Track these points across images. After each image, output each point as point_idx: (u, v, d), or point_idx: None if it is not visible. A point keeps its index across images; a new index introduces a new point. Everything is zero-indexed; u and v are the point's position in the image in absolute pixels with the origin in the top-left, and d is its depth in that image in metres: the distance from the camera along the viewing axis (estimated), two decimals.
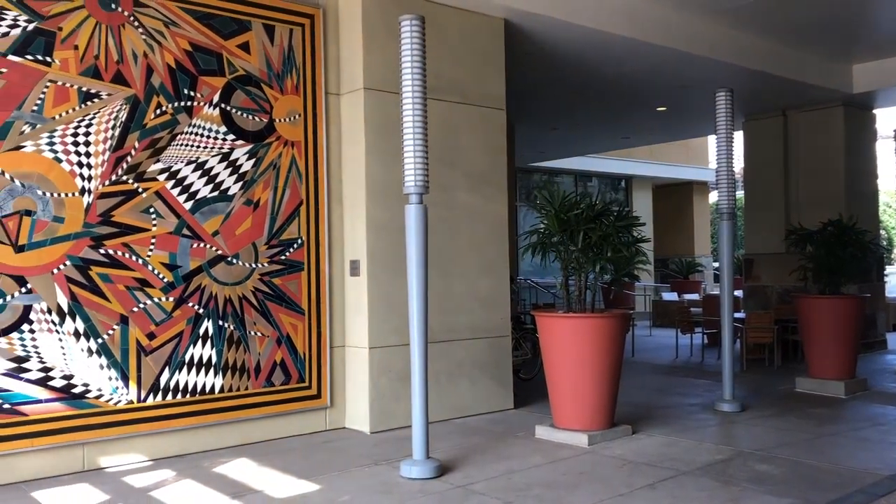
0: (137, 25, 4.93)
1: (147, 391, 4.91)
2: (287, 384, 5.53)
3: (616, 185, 18.83)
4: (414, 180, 4.53)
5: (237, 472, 4.62)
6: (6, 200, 4.44)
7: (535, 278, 13.76)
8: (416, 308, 4.54)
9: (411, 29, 4.53)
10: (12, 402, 4.42)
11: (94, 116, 4.75)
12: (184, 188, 5.10)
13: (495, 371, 6.41)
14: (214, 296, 5.21)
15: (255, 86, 5.44)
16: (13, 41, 4.48)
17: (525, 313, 9.35)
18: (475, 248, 6.32)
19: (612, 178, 18.53)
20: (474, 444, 5.26)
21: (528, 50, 7.37)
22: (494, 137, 6.52)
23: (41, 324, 4.53)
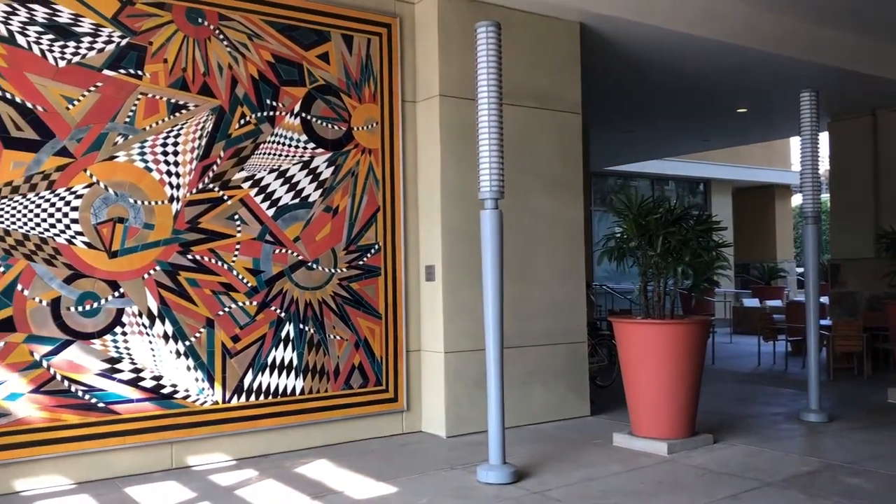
0: (223, 38, 5.10)
1: (231, 392, 5.06)
2: (365, 387, 5.62)
3: (694, 188, 18.42)
4: (489, 186, 4.54)
5: (317, 473, 4.72)
6: (101, 208, 4.66)
7: (611, 284, 13.59)
8: (491, 313, 4.55)
9: (487, 35, 4.55)
10: (106, 402, 4.63)
11: (182, 127, 4.94)
12: (266, 195, 5.25)
13: (571, 377, 6.36)
14: (295, 300, 5.34)
15: (334, 95, 5.56)
16: (108, 56, 4.70)
17: (601, 319, 9.25)
18: (550, 253, 6.29)
19: (690, 182, 18.14)
20: (550, 451, 5.23)
21: (603, 53, 7.30)
22: (570, 142, 6.49)
23: (133, 326, 4.74)
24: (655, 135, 12.53)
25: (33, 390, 4.42)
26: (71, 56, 4.59)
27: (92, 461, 4.59)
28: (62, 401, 4.50)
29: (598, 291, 12.80)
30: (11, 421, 4.35)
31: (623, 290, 13.09)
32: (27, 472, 4.40)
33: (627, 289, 12.70)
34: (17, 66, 4.43)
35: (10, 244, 4.39)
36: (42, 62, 4.50)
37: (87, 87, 4.62)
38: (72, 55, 4.59)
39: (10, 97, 4.41)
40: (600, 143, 12.33)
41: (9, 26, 4.42)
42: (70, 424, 4.51)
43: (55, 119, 4.52)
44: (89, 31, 4.65)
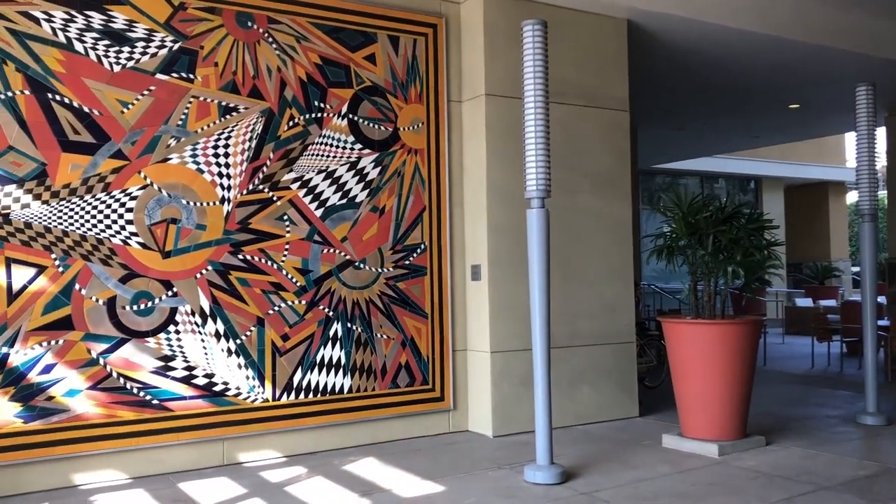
0: (272, 41, 5.18)
1: (281, 390, 5.14)
2: (411, 386, 5.65)
3: (745, 186, 18.07)
4: (536, 184, 4.53)
5: (365, 471, 4.76)
6: (154, 209, 4.77)
7: (660, 283, 13.42)
8: (538, 313, 4.53)
9: (533, 33, 4.54)
10: (160, 399, 4.74)
11: (233, 129, 5.03)
12: (315, 196, 5.32)
13: (619, 378, 6.30)
14: (343, 299, 5.40)
15: (380, 96, 5.60)
16: (161, 61, 4.81)
17: (650, 319, 9.14)
18: (598, 252, 6.24)
19: (741, 179, 17.80)
20: (598, 452, 5.19)
21: (651, 50, 7.22)
22: (617, 140, 6.43)
23: (185, 325, 4.84)
24: (704, 132, 12.33)
25: (90, 387, 4.54)
26: (125, 61, 4.70)
27: (146, 457, 4.70)
28: (118, 397, 4.61)
29: (647, 291, 12.65)
30: (70, 417, 4.48)
31: (672, 290, 12.92)
32: (85, 466, 4.53)
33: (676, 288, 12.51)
34: (75, 71, 4.56)
35: (68, 245, 4.52)
36: (98, 67, 4.63)
37: (140, 91, 4.74)
38: (126, 60, 4.71)
39: (68, 102, 4.54)
40: (648, 141, 12.19)
41: (67, 33, 4.55)
42: (125, 421, 4.62)
43: (110, 122, 4.65)
44: (143, 37, 4.76)
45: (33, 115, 4.44)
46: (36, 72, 4.46)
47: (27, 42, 4.44)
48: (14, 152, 4.39)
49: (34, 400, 4.39)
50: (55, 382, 4.45)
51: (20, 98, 4.42)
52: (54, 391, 4.44)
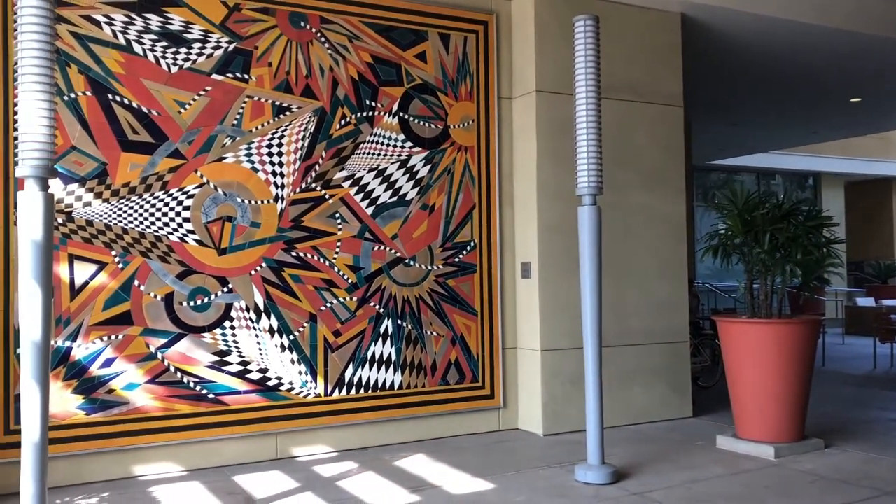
0: (324, 41, 5.24)
1: (333, 386, 5.20)
2: (461, 383, 5.66)
3: (803, 182, 17.62)
4: (587, 181, 4.49)
5: (415, 467, 4.79)
6: (211, 207, 4.87)
7: (714, 282, 13.18)
8: (589, 311, 4.49)
9: (585, 29, 4.49)
10: (216, 393, 4.84)
11: (286, 128, 5.10)
12: (366, 194, 5.36)
13: (672, 378, 6.21)
14: (394, 296, 5.43)
15: (431, 94, 5.62)
16: (216, 61, 4.91)
17: (704, 318, 8.99)
18: (651, 250, 6.16)
19: (798, 176, 17.36)
20: (651, 452, 5.12)
21: (706, 44, 7.08)
22: (671, 135, 6.33)
23: (240, 321, 4.93)
24: (761, 127, 12.06)
25: (149, 381, 4.66)
26: (182, 62, 4.81)
27: (202, 449, 4.81)
28: (175, 391, 4.73)
29: (701, 289, 12.45)
30: (129, 409, 4.60)
31: (726, 289, 12.69)
32: (144, 458, 4.65)
33: (731, 287, 12.29)
34: (134, 72, 4.68)
35: (127, 242, 4.64)
36: (156, 68, 4.74)
37: (197, 92, 4.84)
38: (183, 61, 4.81)
39: (128, 102, 4.66)
40: (703, 137, 11.97)
41: (126, 35, 4.67)
42: (182, 414, 4.73)
43: (168, 122, 4.76)
44: (199, 38, 4.86)
45: (94, 115, 4.58)
46: (97, 73, 4.59)
47: (89, 45, 4.58)
48: (76, 152, 4.53)
49: (95, 392, 4.53)
50: (115, 376, 4.58)
51: (82, 99, 4.55)
52: (114, 384, 4.57)
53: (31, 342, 3.08)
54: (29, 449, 3.07)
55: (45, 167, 3.09)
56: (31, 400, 3.08)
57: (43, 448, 3.09)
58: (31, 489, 3.06)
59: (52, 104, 3.11)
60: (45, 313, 3.10)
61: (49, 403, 3.17)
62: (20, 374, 3.90)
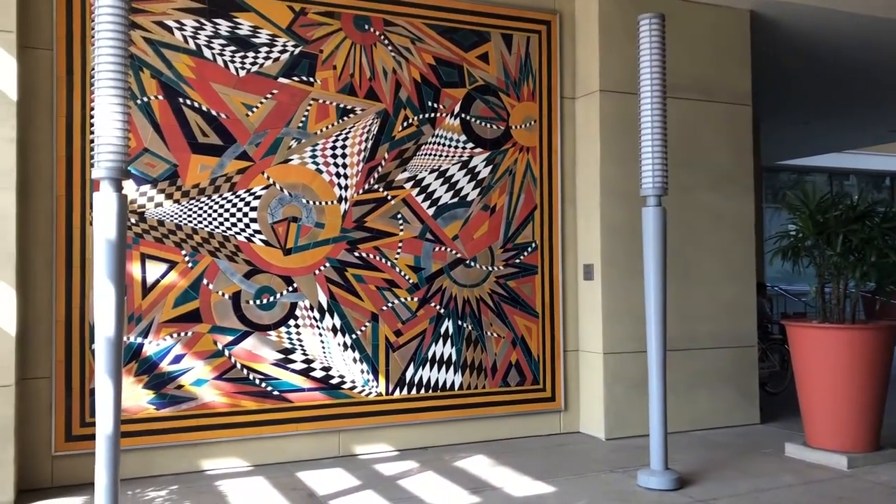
0: (387, 44, 5.28)
1: (394, 385, 5.24)
2: (522, 385, 5.63)
3: (878, 183, 17.00)
4: (652, 182, 4.41)
5: (475, 468, 4.79)
6: (277, 208, 4.96)
7: (783, 285, 12.81)
8: (653, 314, 4.42)
9: (650, 28, 4.42)
10: (280, 390, 4.93)
11: (350, 130, 5.16)
12: (427, 195, 5.39)
13: (739, 383, 6.06)
14: (454, 297, 5.44)
15: (492, 94, 5.61)
16: (282, 65, 5.00)
17: (773, 322, 8.75)
18: (717, 252, 6.03)
19: (874, 176, 16.76)
20: (716, 458, 5.01)
21: (777, 41, 6.90)
22: (739, 135, 6.18)
23: (304, 319, 5.01)
24: (834, 126, 11.67)
25: (216, 377, 4.77)
26: (250, 66, 4.92)
27: (267, 445, 4.90)
28: (241, 388, 4.83)
29: (770, 293, 12.12)
30: (197, 405, 4.73)
31: (796, 292, 12.32)
32: (210, 452, 4.77)
33: (802, 290, 11.93)
34: (204, 77, 4.81)
35: (197, 242, 4.77)
36: (225, 72, 4.86)
37: (264, 95, 4.94)
38: (251, 65, 4.92)
39: (198, 106, 4.79)
40: (773, 136, 11.66)
41: (197, 40, 4.80)
42: (248, 410, 4.83)
43: (236, 125, 4.87)
44: (266, 42, 4.96)
45: (166, 118, 4.72)
46: (169, 78, 4.73)
47: (161, 50, 4.72)
48: (149, 154, 4.68)
49: (165, 388, 4.66)
50: (184, 372, 4.70)
51: (154, 103, 4.70)
52: (183, 380, 4.70)
53: (105, 338, 3.19)
54: (102, 441, 3.17)
55: (119, 169, 3.20)
56: (104, 394, 3.18)
57: (115, 441, 3.19)
58: (105, 480, 3.17)
59: (127, 108, 3.21)
60: (119, 310, 3.21)
61: (121, 398, 3.28)
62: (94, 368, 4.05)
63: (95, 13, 3.17)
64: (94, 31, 3.18)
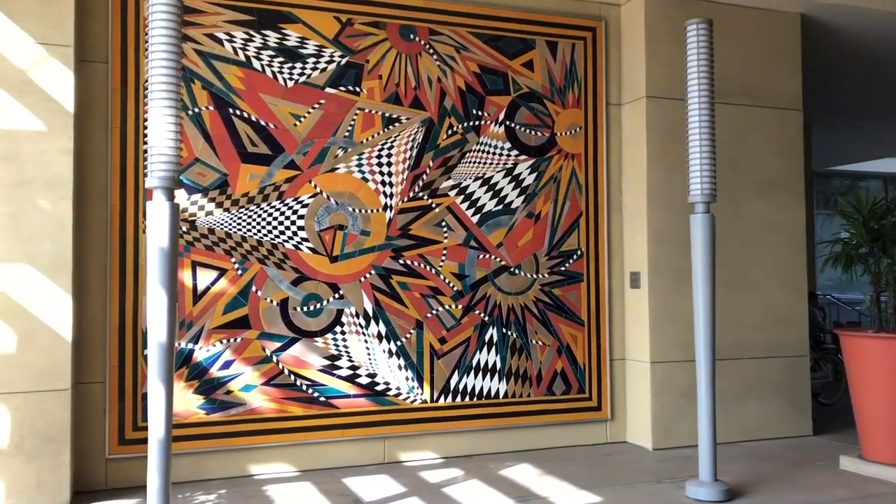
0: (432, 53, 5.32)
1: (439, 392, 5.25)
2: (567, 394, 5.59)
3: None
4: (700, 188, 4.36)
5: (521, 477, 4.76)
6: (324, 216, 5.02)
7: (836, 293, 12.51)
8: (702, 323, 4.35)
9: (698, 33, 4.37)
10: (327, 396, 4.97)
11: (395, 139, 5.21)
12: (471, 203, 5.40)
13: (791, 393, 5.93)
14: (498, 304, 5.44)
15: (537, 102, 5.60)
16: (329, 75, 5.07)
17: (825, 332, 8.55)
18: (767, 259, 5.92)
19: None
20: (767, 470, 4.91)
21: (828, 45, 6.76)
22: (789, 140, 6.07)
23: (350, 326, 5.05)
24: (889, 130, 11.37)
25: (264, 383, 4.84)
26: (298, 76, 4.99)
27: (313, 451, 4.95)
28: (288, 393, 4.89)
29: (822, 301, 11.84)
30: (246, 410, 4.80)
31: (849, 301, 12.02)
32: (258, 457, 4.83)
33: (855, 299, 11.64)
34: (253, 87, 4.90)
35: (246, 249, 4.85)
36: (273, 83, 4.94)
37: (311, 105, 5.01)
38: (298, 75, 4.99)
39: (247, 116, 4.87)
40: (824, 141, 11.41)
41: (246, 52, 4.89)
42: (295, 416, 4.89)
43: (284, 135, 4.95)
44: (313, 53, 5.03)
45: (216, 129, 4.81)
46: (219, 89, 4.83)
47: (212, 61, 4.82)
48: (200, 164, 4.77)
49: (215, 393, 4.74)
50: (233, 377, 4.78)
51: (205, 114, 4.80)
52: (232, 385, 4.78)
53: (157, 344, 3.26)
54: (155, 445, 3.24)
55: (172, 178, 3.27)
56: (156, 399, 3.25)
57: (167, 445, 3.26)
58: (157, 483, 3.23)
59: (179, 119, 3.29)
60: (171, 316, 3.28)
61: (173, 402, 3.34)
62: (147, 374, 4.14)
63: (149, 27, 3.26)
64: (147, 44, 3.27)
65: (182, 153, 4.15)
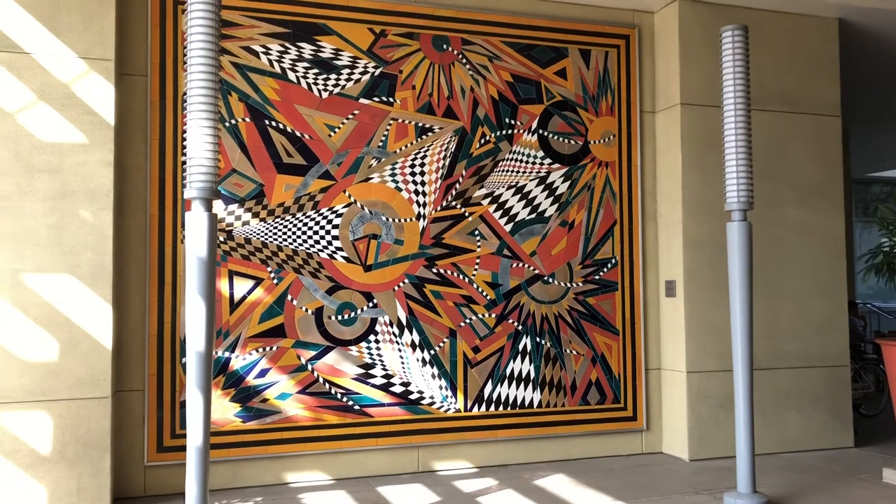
0: (465, 62, 5.34)
1: (472, 401, 5.24)
2: (602, 404, 5.55)
3: None
4: (737, 196, 4.31)
5: (555, 487, 4.73)
6: (358, 226, 5.06)
7: (877, 302, 12.26)
8: (739, 332, 4.30)
9: (733, 40, 4.34)
10: (361, 404, 5.00)
11: (428, 148, 5.23)
12: (504, 211, 5.40)
13: (831, 404, 5.82)
14: (532, 313, 5.42)
15: (570, 110, 5.59)
16: (363, 86, 5.11)
17: (866, 341, 8.38)
18: (806, 268, 5.82)
19: None
20: (807, 482, 4.82)
21: (867, 50, 6.65)
22: (827, 147, 5.98)
23: (384, 335, 5.07)
24: None
25: (299, 391, 4.88)
26: (332, 87, 5.04)
27: (348, 459, 4.97)
28: (323, 402, 4.92)
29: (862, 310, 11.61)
30: (281, 418, 4.84)
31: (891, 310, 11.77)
32: (294, 465, 4.87)
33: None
34: (289, 99, 4.96)
35: (282, 259, 4.90)
36: (308, 94, 5.00)
37: (345, 116, 5.06)
38: (333, 86, 5.05)
39: (283, 127, 4.93)
40: (864, 148, 11.20)
41: (282, 64, 4.95)
42: (330, 424, 4.92)
43: (319, 146, 5.00)
44: (347, 64, 5.08)
45: (253, 140, 4.88)
46: (255, 101, 4.90)
47: (248, 74, 4.89)
48: (237, 174, 4.84)
49: (251, 401, 4.79)
50: (269, 386, 4.83)
51: (242, 125, 4.87)
52: (268, 394, 4.82)
53: (195, 352, 3.30)
54: (193, 452, 3.28)
55: (210, 189, 3.32)
56: (194, 406, 3.30)
57: (205, 452, 3.30)
58: (195, 490, 3.27)
59: (217, 131, 3.34)
60: (209, 325, 3.32)
61: (211, 410, 3.38)
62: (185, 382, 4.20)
63: (188, 41, 3.31)
64: (186, 57, 3.33)
65: (219, 164, 4.21)
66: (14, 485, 4.09)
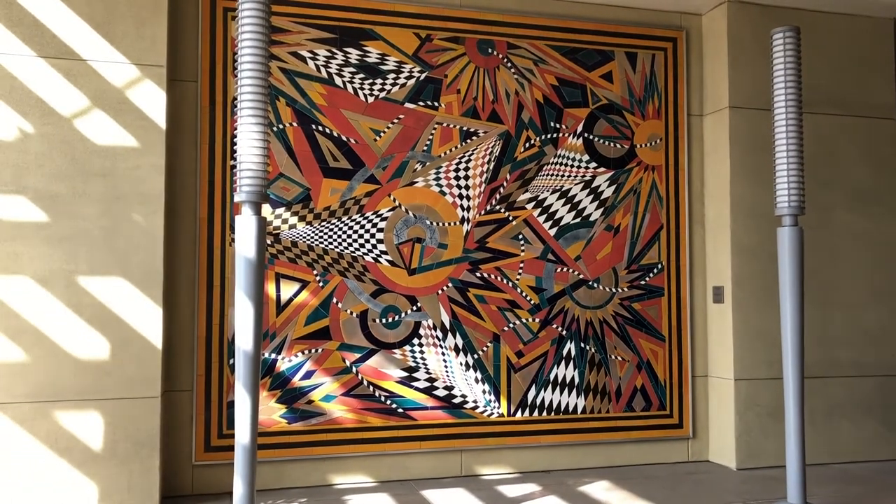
0: (510, 66, 5.33)
1: (516, 406, 5.22)
2: (647, 411, 5.48)
3: None
4: (787, 201, 4.23)
5: (599, 494, 4.69)
6: (402, 230, 5.08)
7: None
8: (790, 340, 4.21)
9: (784, 42, 4.26)
10: (405, 407, 5.01)
11: (473, 153, 5.23)
12: (549, 215, 5.37)
13: (886, 414, 5.66)
14: (576, 318, 5.38)
15: (616, 113, 5.55)
16: (409, 91, 5.14)
17: None
18: (859, 274, 5.68)
19: None
20: (860, 494, 4.69)
21: None
22: (881, 150, 5.83)
23: (428, 338, 5.09)
24: None
25: (344, 393, 4.91)
26: (378, 92, 5.08)
27: (391, 462, 4.99)
28: (367, 404, 4.95)
29: None
30: (326, 420, 4.88)
31: None
32: (338, 467, 4.90)
33: None
34: (335, 103, 5.01)
35: (327, 262, 4.95)
36: (354, 99, 5.04)
37: (391, 120, 5.09)
38: (378, 91, 5.08)
39: (329, 132, 4.98)
40: None
41: (328, 69, 5.01)
42: (374, 427, 4.94)
43: (365, 150, 5.04)
44: (393, 69, 5.11)
45: (300, 144, 4.94)
46: (302, 105, 4.96)
47: (295, 79, 4.95)
48: (284, 178, 4.90)
49: (297, 403, 4.84)
50: (314, 388, 4.87)
51: (289, 130, 4.93)
52: (313, 395, 4.87)
53: (243, 353, 3.35)
54: (241, 452, 3.33)
55: (260, 193, 3.37)
56: (242, 407, 3.34)
57: (253, 452, 3.34)
58: (242, 490, 3.32)
59: (266, 136, 3.39)
60: (257, 327, 3.37)
61: (258, 411, 3.42)
62: (233, 382, 4.26)
63: (238, 47, 3.37)
64: (236, 63, 3.38)
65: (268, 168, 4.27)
66: (67, 481, 4.20)
